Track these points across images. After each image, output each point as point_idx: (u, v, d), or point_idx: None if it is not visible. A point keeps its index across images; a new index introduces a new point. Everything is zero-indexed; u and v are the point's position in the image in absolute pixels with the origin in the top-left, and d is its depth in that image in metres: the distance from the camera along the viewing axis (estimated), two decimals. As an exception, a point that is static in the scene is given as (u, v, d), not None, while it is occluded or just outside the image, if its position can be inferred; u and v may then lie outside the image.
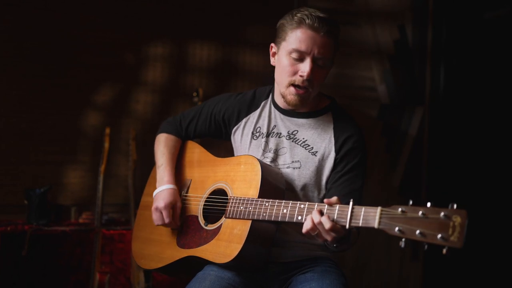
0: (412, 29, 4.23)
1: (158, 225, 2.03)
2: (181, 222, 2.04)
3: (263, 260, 1.84)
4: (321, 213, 1.60)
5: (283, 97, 1.90)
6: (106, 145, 3.16)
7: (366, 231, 4.09)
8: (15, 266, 3.06)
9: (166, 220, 2.00)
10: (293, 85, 1.85)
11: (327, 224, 1.57)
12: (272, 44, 1.94)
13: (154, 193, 2.07)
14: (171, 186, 2.05)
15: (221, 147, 2.22)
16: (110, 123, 3.42)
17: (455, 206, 1.38)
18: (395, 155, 4.23)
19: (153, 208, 2.03)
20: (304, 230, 1.63)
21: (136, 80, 3.74)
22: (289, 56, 1.84)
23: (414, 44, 4.24)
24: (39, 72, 3.51)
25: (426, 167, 4.26)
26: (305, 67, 1.81)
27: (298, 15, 1.83)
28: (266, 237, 1.81)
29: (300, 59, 1.83)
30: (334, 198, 1.61)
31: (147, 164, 2.38)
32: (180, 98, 3.81)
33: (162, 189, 2.05)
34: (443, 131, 4.21)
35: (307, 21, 1.80)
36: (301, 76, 1.82)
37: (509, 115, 3.86)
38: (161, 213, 2.00)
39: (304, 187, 1.90)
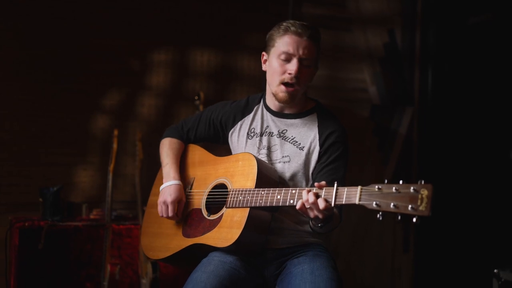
0: (402, 33, 4.29)
1: (161, 216, 2.18)
2: (186, 215, 2.18)
3: (261, 245, 2.01)
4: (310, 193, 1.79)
5: (275, 95, 2.10)
6: (115, 146, 3.24)
7: (359, 226, 4.19)
8: (32, 259, 3.17)
9: (170, 214, 2.15)
10: (283, 83, 2.06)
11: (322, 204, 1.75)
12: (263, 53, 2.16)
13: (161, 187, 2.21)
14: (177, 182, 2.20)
15: (222, 148, 2.39)
16: (117, 126, 3.49)
17: (422, 182, 1.58)
18: (387, 153, 4.28)
19: (160, 200, 2.18)
20: (298, 206, 1.81)
21: (141, 85, 3.83)
22: (279, 59, 2.05)
23: (403, 47, 4.29)
24: (50, 78, 3.60)
25: (415, 163, 4.31)
26: (292, 66, 2.03)
27: (284, 24, 2.07)
28: (263, 223, 1.99)
29: (288, 60, 2.04)
30: (323, 182, 1.81)
31: (153, 163, 2.49)
32: (182, 102, 3.90)
33: (169, 184, 2.20)
34: (432, 130, 4.26)
35: (292, 28, 2.04)
36: (289, 74, 2.03)
37: (492, 113, 3.91)
38: (167, 207, 2.16)
39: (293, 179, 2.09)
